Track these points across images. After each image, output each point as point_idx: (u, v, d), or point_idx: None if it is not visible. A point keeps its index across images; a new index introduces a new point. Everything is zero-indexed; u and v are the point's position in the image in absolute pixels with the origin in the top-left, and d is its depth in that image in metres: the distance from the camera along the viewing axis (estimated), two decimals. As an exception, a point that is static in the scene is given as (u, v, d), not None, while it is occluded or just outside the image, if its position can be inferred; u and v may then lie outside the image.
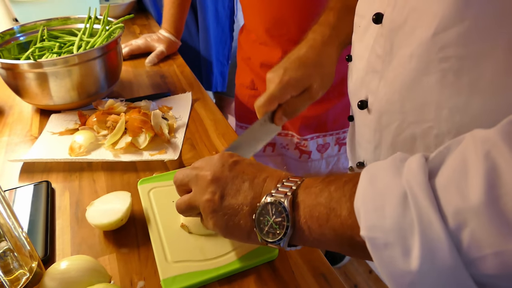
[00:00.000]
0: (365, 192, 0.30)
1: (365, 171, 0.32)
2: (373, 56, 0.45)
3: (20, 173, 0.66)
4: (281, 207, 0.36)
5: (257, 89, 1.01)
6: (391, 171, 0.29)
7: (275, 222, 0.36)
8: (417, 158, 0.29)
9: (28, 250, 0.44)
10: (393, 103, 0.43)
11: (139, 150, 0.68)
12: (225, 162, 0.42)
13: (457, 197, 0.25)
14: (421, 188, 0.26)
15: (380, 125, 0.46)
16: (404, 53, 0.40)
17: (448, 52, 0.35)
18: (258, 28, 0.94)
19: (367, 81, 0.47)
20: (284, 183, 0.38)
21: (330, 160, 1.04)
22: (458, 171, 0.26)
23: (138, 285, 0.46)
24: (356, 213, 0.30)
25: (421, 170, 0.27)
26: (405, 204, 0.27)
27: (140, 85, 0.95)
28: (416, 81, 0.39)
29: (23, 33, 0.90)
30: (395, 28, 0.40)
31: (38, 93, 0.77)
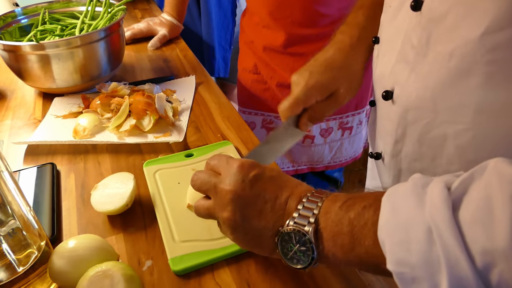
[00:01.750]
0: (388, 223, 0.30)
1: (386, 198, 0.31)
2: (408, 45, 0.42)
3: (25, 156, 0.66)
4: (306, 238, 0.35)
5: (260, 73, 1.01)
6: (412, 200, 0.29)
7: (299, 250, 0.36)
8: (439, 188, 0.28)
9: (36, 229, 0.44)
10: (424, 100, 0.40)
11: (144, 133, 0.68)
12: (245, 177, 0.39)
13: (483, 236, 0.25)
14: (446, 225, 0.26)
15: (405, 120, 0.44)
16: (442, 50, 0.37)
17: (497, 55, 0.33)
18: (261, 10, 0.93)
19: (396, 71, 0.44)
20: (305, 205, 0.37)
21: (333, 145, 1.04)
22: (483, 209, 0.26)
23: (146, 264, 0.47)
24: (381, 244, 0.30)
25: (444, 204, 0.27)
26: (431, 240, 0.27)
27: (143, 69, 0.94)
28: (455, 82, 0.37)
29: (25, 16, 0.89)
30: (435, 19, 0.37)
31: (41, 76, 0.76)
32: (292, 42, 0.91)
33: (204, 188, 0.42)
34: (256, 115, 1.04)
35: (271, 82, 0.98)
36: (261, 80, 1.00)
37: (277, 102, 0.99)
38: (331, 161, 1.07)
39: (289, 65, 0.94)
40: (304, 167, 1.08)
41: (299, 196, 0.38)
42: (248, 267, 0.46)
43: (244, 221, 0.38)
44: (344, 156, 1.07)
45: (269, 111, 1.02)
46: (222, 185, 0.40)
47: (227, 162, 0.42)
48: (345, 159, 1.08)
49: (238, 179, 0.39)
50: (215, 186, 0.40)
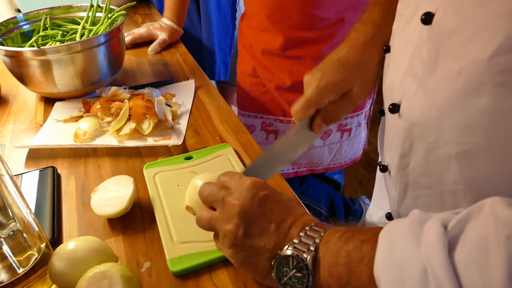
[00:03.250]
0: (384, 261, 0.30)
1: (383, 234, 0.31)
2: (417, 59, 0.40)
3: (26, 160, 0.67)
4: (303, 264, 0.35)
5: (259, 76, 1.01)
6: (409, 239, 0.29)
7: (294, 276, 0.36)
8: (436, 227, 0.28)
9: (36, 231, 0.44)
10: (429, 117, 0.39)
11: (143, 136, 0.69)
12: (256, 195, 0.40)
13: (478, 278, 0.25)
14: (442, 266, 0.26)
15: (411, 135, 0.42)
16: (450, 67, 0.35)
17: (507, 77, 0.31)
18: (259, 14, 0.94)
19: (404, 84, 0.43)
20: (307, 233, 0.37)
21: (332, 147, 1.04)
22: (479, 251, 0.26)
23: (145, 266, 0.47)
24: (377, 281, 0.30)
25: (440, 244, 0.27)
26: (426, 280, 0.27)
27: (143, 74, 0.95)
28: (461, 102, 0.35)
29: (26, 22, 0.90)
30: (445, 34, 0.35)
31: (42, 81, 0.78)
32: (290, 45, 0.92)
33: (211, 199, 0.42)
34: (256, 118, 1.05)
35: (270, 85, 0.99)
36: (260, 83, 1.01)
37: (276, 105, 1.01)
38: (330, 163, 1.07)
39: (287, 68, 0.95)
40: (304, 169, 1.08)
41: (303, 224, 0.38)
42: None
43: (246, 237, 0.39)
44: (344, 158, 1.07)
45: (268, 114, 1.03)
46: (231, 198, 0.40)
47: (239, 178, 0.42)
48: (344, 161, 1.08)
49: (248, 195, 0.40)
50: (223, 199, 0.41)
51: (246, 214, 0.39)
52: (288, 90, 0.97)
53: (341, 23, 0.89)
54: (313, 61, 0.92)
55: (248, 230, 0.39)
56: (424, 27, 0.39)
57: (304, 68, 0.93)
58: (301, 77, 0.94)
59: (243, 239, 0.39)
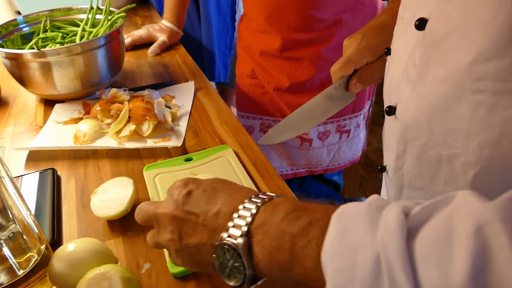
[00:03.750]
0: (333, 246, 0.27)
1: (336, 217, 0.28)
2: (411, 62, 0.41)
3: (26, 161, 0.67)
4: (236, 253, 0.32)
5: (257, 77, 1.02)
6: (365, 223, 0.26)
7: (233, 266, 0.33)
8: (396, 213, 0.25)
9: (36, 233, 0.45)
10: (420, 120, 0.40)
11: (143, 138, 0.69)
12: (178, 196, 0.39)
13: (437, 274, 0.22)
14: (397, 255, 0.23)
15: (405, 137, 0.43)
16: (437, 73, 0.36)
17: (483, 85, 0.32)
18: (257, 16, 0.94)
19: (400, 87, 0.44)
20: (240, 214, 0.34)
21: (331, 148, 1.04)
22: (442, 242, 0.23)
23: (144, 267, 0.47)
24: (323, 268, 0.27)
25: (399, 231, 0.24)
26: (378, 271, 0.24)
27: (143, 75, 0.96)
28: (447, 107, 0.36)
29: (26, 24, 0.91)
30: (435, 41, 0.37)
31: (42, 83, 0.78)
32: (288, 47, 0.92)
33: (146, 219, 0.41)
34: (255, 119, 1.05)
35: (269, 86, 0.99)
36: (259, 85, 1.01)
37: (275, 106, 1.01)
38: (329, 164, 1.07)
39: (286, 70, 0.95)
40: (302, 170, 1.08)
41: (233, 204, 0.36)
42: (244, 269, 0.46)
43: (182, 239, 0.37)
44: (343, 159, 1.08)
45: (267, 115, 1.03)
46: (159, 209, 0.39)
47: (172, 185, 0.41)
48: (343, 162, 1.09)
49: (172, 200, 0.39)
50: (153, 213, 0.40)
51: (175, 219, 0.38)
52: (287, 91, 0.97)
53: (339, 25, 0.90)
54: (311, 62, 0.92)
55: (182, 232, 0.37)
56: (419, 32, 0.39)
57: (302, 69, 0.93)
58: (299, 78, 0.95)
59: (181, 243, 0.37)
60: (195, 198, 0.38)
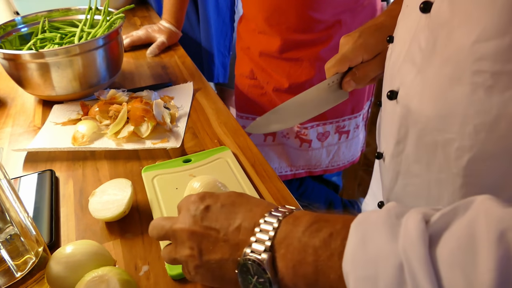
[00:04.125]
0: (355, 255, 0.27)
1: (355, 226, 0.28)
2: (415, 46, 0.41)
3: (24, 163, 0.67)
4: (261, 268, 0.32)
5: (257, 78, 1.02)
6: (385, 231, 0.26)
7: (258, 282, 0.33)
8: (416, 220, 0.25)
9: (34, 235, 0.44)
10: (422, 104, 0.40)
11: (142, 139, 0.69)
12: (196, 211, 0.38)
13: (462, 281, 0.22)
14: (420, 263, 0.23)
15: (407, 122, 0.43)
16: (443, 55, 0.37)
17: (483, 66, 0.33)
18: (257, 17, 0.94)
19: (402, 71, 0.44)
20: (261, 228, 0.34)
21: (330, 149, 1.04)
22: (465, 249, 0.23)
23: (143, 269, 0.47)
24: (345, 278, 0.27)
25: (420, 239, 0.24)
26: (401, 279, 0.24)
27: (142, 76, 0.95)
28: (447, 89, 0.36)
29: (25, 25, 0.90)
30: (441, 23, 0.37)
31: (40, 83, 0.78)
32: (288, 48, 0.92)
33: (162, 234, 0.40)
34: (254, 120, 1.05)
35: (268, 87, 0.99)
36: (258, 85, 1.01)
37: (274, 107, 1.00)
38: (329, 165, 1.07)
39: (285, 70, 0.95)
40: (302, 171, 1.08)
41: (254, 218, 0.35)
42: (243, 271, 0.46)
43: (203, 255, 0.37)
44: (342, 160, 1.08)
45: (266, 116, 1.03)
46: (177, 225, 0.38)
47: (186, 198, 0.40)
48: (343, 163, 1.09)
49: (190, 215, 0.38)
50: (171, 229, 0.39)
51: (194, 234, 0.37)
52: (286, 92, 0.97)
53: (338, 26, 0.89)
54: (310, 63, 0.92)
55: (202, 248, 0.37)
56: (423, 15, 0.40)
57: (301, 70, 0.93)
58: (298, 79, 0.95)
59: (201, 259, 0.37)
60: (214, 213, 0.37)
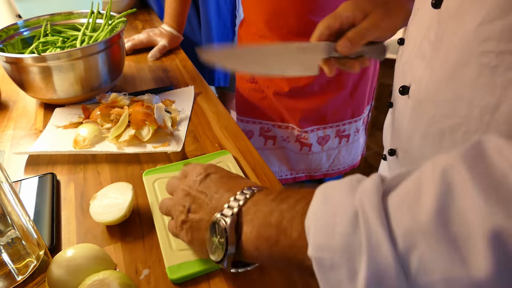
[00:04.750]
0: (316, 211, 0.29)
1: (319, 190, 0.31)
2: (425, 42, 0.43)
3: (26, 166, 0.67)
4: (223, 228, 0.35)
5: (257, 82, 1.02)
6: (345, 190, 0.28)
7: (219, 242, 0.36)
8: (372, 178, 0.28)
9: (35, 239, 0.45)
10: (430, 92, 0.41)
11: (143, 143, 0.69)
12: (198, 176, 0.44)
13: (407, 217, 0.24)
14: (372, 207, 0.25)
15: (417, 114, 0.45)
16: (451, 42, 0.38)
17: (488, 46, 0.34)
18: (257, 20, 0.94)
19: (413, 66, 0.46)
20: (236, 197, 0.38)
21: (330, 152, 1.05)
22: (411, 191, 0.25)
23: (143, 273, 0.47)
24: (306, 232, 0.29)
25: (374, 189, 0.26)
26: (356, 223, 0.26)
27: (143, 80, 0.96)
28: (454, 73, 0.38)
29: (27, 28, 0.91)
30: (450, 15, 0.39)
31: (42, 87, 0.78)
32: (288, 52, 0.93)
33: (169, 189, 0.48)
34: (254, 124, 1.05)
35: (268, 91, 1.00)
36: (258, 89, 1.01)
37: (274, 111, 1.01)
38: (329, 169, 1.07)
39: (286, 74, 0.95)
40: (302, 175, 1.08)
41: (235, 190, 0.39)
42: (243, 276, 0.46)
43: (189, 212, 0.42)
44: (342, 164, 1.08)
45: (266, 119, 1.03)
46: (182, 185, 0.45)
47: (194, 167, 0.46)
48: (343, 167, 1.09)
49: (192, 179, 0.44)
50: (178, 186, 0.45)
51: (188, 195, 0.43)
52: (286, 96, 0.97)
53: (339, 30, 0.90)
54: (311, 67, 0.92)
55: (190, 207, 0.42)
56: (434, 11, 0.42)
57: (302, 74, 0.94)
58: (298, 83, 0.95)
59: (187, 215, 0.42)
60: (211, 181, 0.43)
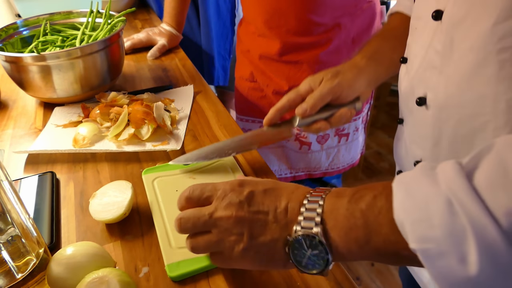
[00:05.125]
0: (404, 204, 0.29)
1: (396, 184, 0.31)
2: (432, 53, 0.45)
3: (25, 165, 0.67)
4: (316, 240, 0.34)
5: (256, 81, 1.02)
6: (425, 180, 0.29)
7: (312, 255, 0.35)
8: (450, 165, 0.29)
9: (35, 237, 0.45)
10: (452, 97, 0.43)
11: (142, 141, 0.69)
12: (240, 196, 0.39)
13: (505, 198, 0.25)
14: (466, 193, 0.26)
15: (440, 121, 0.45)
16: (464, 47, 0.40)
17: (506, 43, 0.36)
18: (256, 19, 0.94)
19: (425, 78, 0.47)
20: (307, 207, 0.36)
21: (330, 151, 1.05)
22: (497, 172, 0.26)
23: (143, 271, 0.47)
24: (400, 227, 0.29)
25: (459, 175, 0.27)
26: (452, 211, 0.26)
27: (142, 79, 0.96)
28: (474, 74, 0.39)
29: (26, 27, 0.91)
30: (456, 23, 0.41)
31: (41, 86, 0.78)
32: (287, 51, 0.93)
33: (199, 225, 0.40)
34: (254, 123, 1.05)
35: (268, 90, 1.00)
36: (258, 88, 1.02)
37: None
38: (328, 167, 1.07)
39: (285, 73, 0.95)
40: (301, 173, 1.08)
41: (298, 199, 0.38)
42: (242, 273, 0.47)
43: (253, 239, 0.38)
44: (342, 162, 1.08)
45: (266, 118, 1.03)
46: (219, 212, 0.39)
47: (215, 188, 0.41)
48: (342, 166, 1.09)
49: (234, 201, 0.39)
50: (211, 217, 0.39)
51: (242, 220, 0.38)
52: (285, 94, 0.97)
53: (338, 29, 0.90)
54: (310, 66, 0.92)
55: (252, 232, 0.38)
56: (435, 23, 0.44)
57: (301, 73, 0.94)
58: (298, 82, 0.95)
59: (250, 242, 0.38)
60: (259, 197, 0.39)
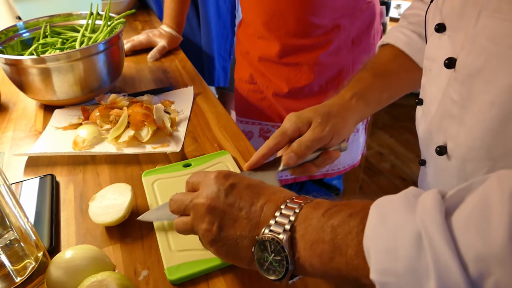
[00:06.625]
0: (375, 231, 0.28)
1: (374, 206, 0.30)
2: (448, 101, 0.44)
3: (25, 167, 0.67)
4: (280, 246, 0.34)
5: (256, 83, 1.02)
6: (403, 207, 0.28)
7: (274, 260, 0.35)
8: (432, 195, 0.27)
9: (34, 240, 0.45)
10: (476, 150, 0.41)
11: (142, 144, 0.69)
12: (221, 186, 0.40)
13: (478, 240, 0.23)
14: (437, 228, 0.24)
15: (465, 172, 0.44)
16: (483, 100, 0.39)
17: None
18: (255, 21, 0.94)
19: (444, 127, 0.46)
20: (282, 212, 0.36)
21: (331, 152, 1.04)
22: (478, 211, 0.24)
23: (142, 274, 0.47)
24: (366, 254, 0.28)
25: (437, 208, 0.25)
26: (420, 246, 0.25)
27: (142, 80, 0.96)
28: (501, 128, 0.38)
29: (26, 30, 0.91)
30: (472, 74, 0.39)
31: (41, 88, 0.78)
32: (287, 52, 0.93)
33: (182, 208, 0.42)
34: (254, 124, 1.05)
35: (267, 92, 0.99)
36: (257, 90, 1.01)
37: (274, 111, 1.01)
38: (329, 169, 1.07)
39: (284, 75, 0.95)
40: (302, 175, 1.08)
41: (277, 202, 0.37)
42: (242, 276, 0.46)
43: (221, 231, 0.38)
44: (342, 163, 1.07)
45: (266, 120, 1.03)
46: (198, 199, 0.40)
47: (204, 176, 0.42)
48: (343, 167, 1.09)
49: (213, 190, 0.40)
50: (191, 202, 0.41)
51: (215, 209, 0.39)
52: (285, 96, 0.97)
53: (337, 30, 0.90)
54: (309, 68, 0.92)
55: (221, 223, 0.38)
56: (449, 71, 0.43)
57: (301, 75, 0.94)
58: (298, 83, 0.95)
59: (219, 233, 0.38)
60: (239, 191, 0.39)
